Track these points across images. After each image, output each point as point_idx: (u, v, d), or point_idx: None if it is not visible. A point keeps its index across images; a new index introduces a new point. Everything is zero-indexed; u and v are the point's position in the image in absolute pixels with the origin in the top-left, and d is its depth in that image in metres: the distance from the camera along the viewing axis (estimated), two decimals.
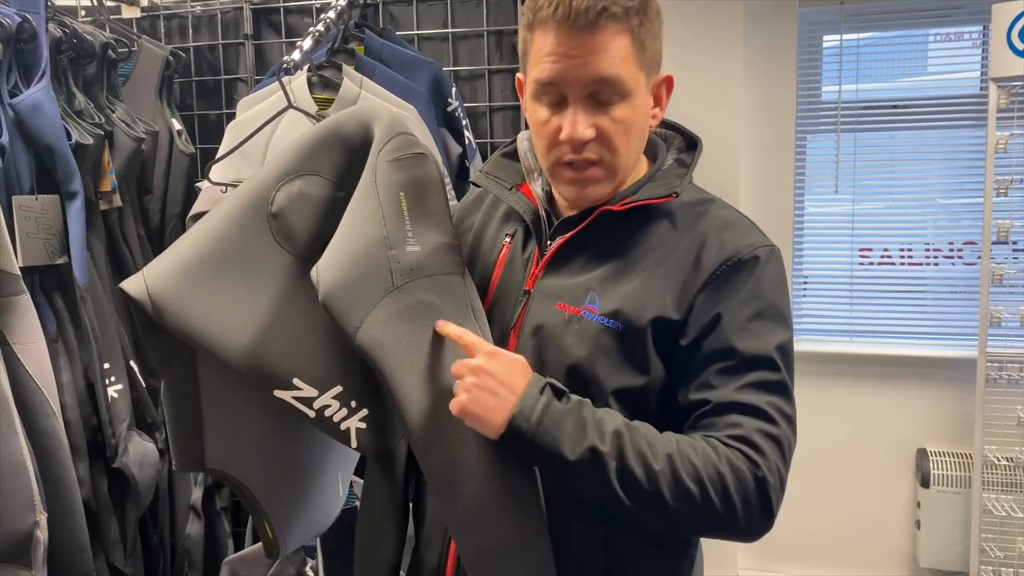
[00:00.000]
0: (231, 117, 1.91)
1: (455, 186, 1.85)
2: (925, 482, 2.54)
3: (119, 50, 1.87)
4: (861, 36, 2.70)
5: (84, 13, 2.15)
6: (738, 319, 0.99)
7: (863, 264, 2.79)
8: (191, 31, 2.20)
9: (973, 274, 2.63)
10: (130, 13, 2.18)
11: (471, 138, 1.93)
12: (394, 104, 1.74)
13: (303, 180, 1.11)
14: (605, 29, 0.96)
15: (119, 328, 1.75)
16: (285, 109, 1.72)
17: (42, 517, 1.41)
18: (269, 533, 1.20)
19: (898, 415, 2.67)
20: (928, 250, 2.74)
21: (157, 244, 1.94)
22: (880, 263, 2.78)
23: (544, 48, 0.99)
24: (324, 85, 1.80)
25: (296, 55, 1.70)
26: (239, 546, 2.05)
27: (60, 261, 1.60)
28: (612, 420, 0.95)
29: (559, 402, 0.95)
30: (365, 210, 1.04)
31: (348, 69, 1.77)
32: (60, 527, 1.48)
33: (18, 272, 1.47)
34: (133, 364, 1.76)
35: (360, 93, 1.74)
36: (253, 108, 1.80)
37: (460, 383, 0.96)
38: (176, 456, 1.15)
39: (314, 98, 1.77)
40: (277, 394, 1.06)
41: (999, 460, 2.36)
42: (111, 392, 1.66)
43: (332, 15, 1.81)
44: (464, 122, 1.92)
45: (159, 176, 1.97)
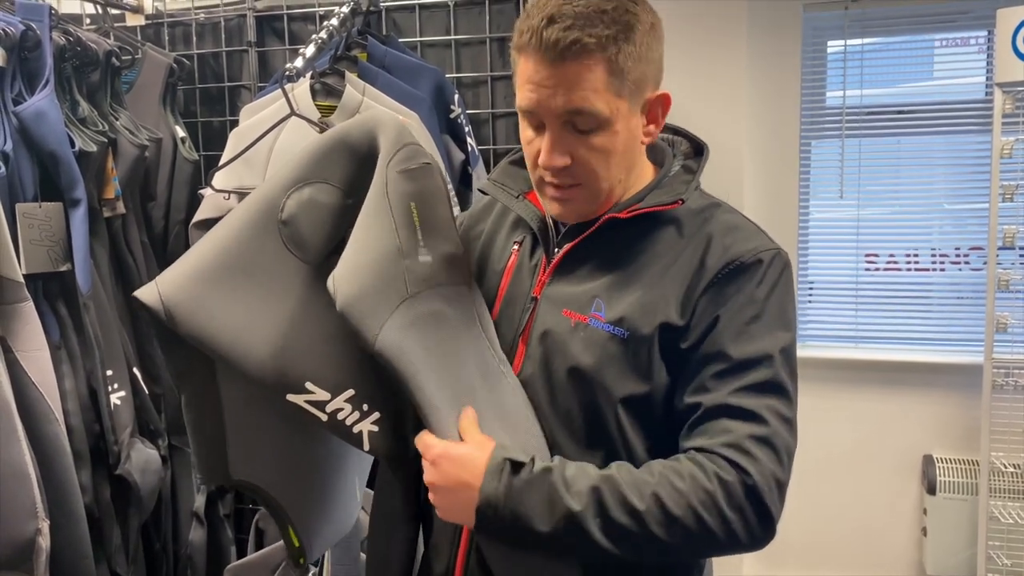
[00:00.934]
0: (234, 124, 1.92)
1: (458, 193, 1.85)
2: (931, 489, 2.53)
3: (123, 58, 1.87)
4: (866, 41, 2.69)
5: (89, 21, 2.16)
6: (736, 322, 0.98)
7: (869, 270, 2.78)
8: (195, 38, 2.20)
9: (979, 280, 2.61)
10: (134, 21, 2.19)
11: (474, 144, 1.93)
12: (397, 111, 1.74)
13: (312, 187, 1.12)
14: (578, 62, 0.95)
15: (122, 335, 1.75)
16: (288, 116, 1.72)
17: (44, 524, 1.41)
18: (295, 541, 1.22)
19: (904, 421, 2.66)
20: (934, 256, 2.72)
21: (160, 251, 1.95)
22: (886, 269, 2.77)
23: (524, 75, 0.99)
24: (327, 92, 1.80)
25: (299, 62, 1.70)
26: (241, 553, 2.04)
27: (63, 268, 1.60)
28: (585, 477, 0.94)
29: (520, 476, 0.93)
30: (379, 220, 1.06)
31: (351, 76, 1.78)
32: (62, 534, 1.48)
33: (21, 279, 1.47)
34: (136, 371, 1.76)
35: (363, 100, 1.75)
36: (256, 115, 1.80)
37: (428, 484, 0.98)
38: (202, 471, 1.17)
39: (317, 105, 1.78)
40: (290, 398, 1.07)
41: (1006, 467, 2.34)
42: (114, 399, 1.66)
43: (335, 22, 1.81)
44: (467, 129, 1.92)
45: (163, 183, 1.97)
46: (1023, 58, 2.23)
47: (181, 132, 2.04)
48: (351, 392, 1.08)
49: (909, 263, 2.75)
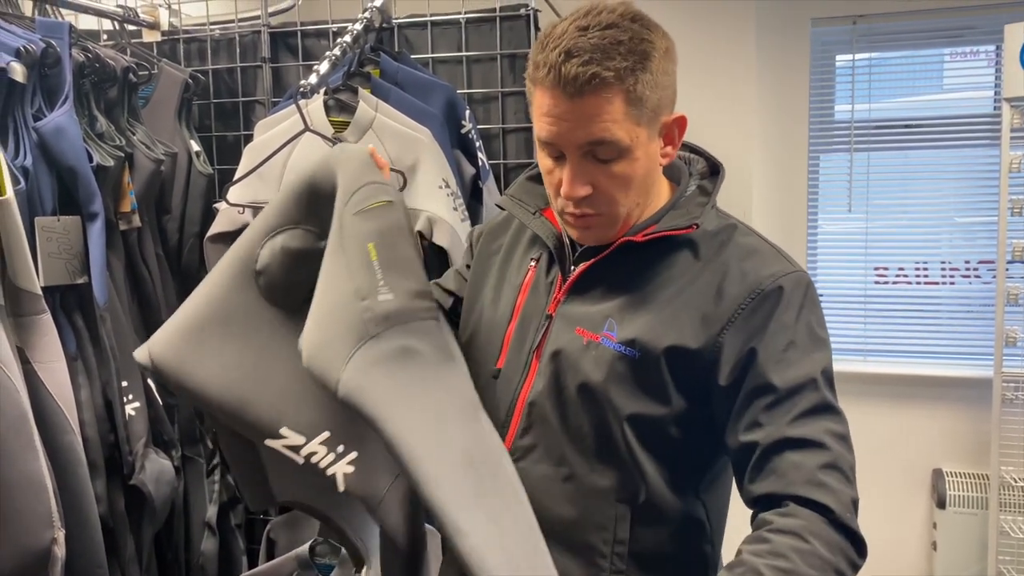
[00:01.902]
0: (248, 139, 1.94)
1: (468, 207, 1.87)
2: (941, 503, 2.52)
3: (140, 73, 1.90)
4: (874, 55, 2.71)
5: (106, 37, 2.19)
6: (773, 352, 0.99)
7: (878, 283, 2.79)
8: (210, 54, 2.23)
9: (989, 293, 2.62)
10: (151, 37, 2.21)
11: (484, 159, 1.95)
12: (409, 127, 1.76)
13: (284, 235, 1.14)
14: (597, 95, 0.96)
15: (137, 346, 1.76)
16: (302, 132, 1.74)
17: (60, 533, 1.42)
18: (356, 545, 1.25)
19: (913, 435, 2.66)
20: (944, 269, 2.73)
21: (175, 263, 1.97)
22: (895, 282, 2.77)
23: (541, 107, 1.00)
24: (340, 108, 1.82)
25: (313, 79, 1.72)
26: (253, 563, 2.06)
27: (80, 281, 1.62)
28: None
29: None
30: (334, 266, 1.07)
31: (364, 92, 1.80)
32: (77, 543, 1.49)
33: (40, 292, 1.49)
34: (150, 382, 1.78)
35: (375, 116, 1.77)
36: (270, 130, 1.82)
37: None
38: (249, 498, 1.22)
39: (331, 121, 1.80)
40: (268, 443, 1.10)
41: (1016, 481, 2.34)
42: (128, 410, 1.67)
43: (348, 39, 1.84)
44: (478, 144, 1.94)
45: (177, 196, 1.99)
46: None
47: (196, 146, 2.07)
48: (327, 434, 1.10)
49: (918, 276, 2.76)
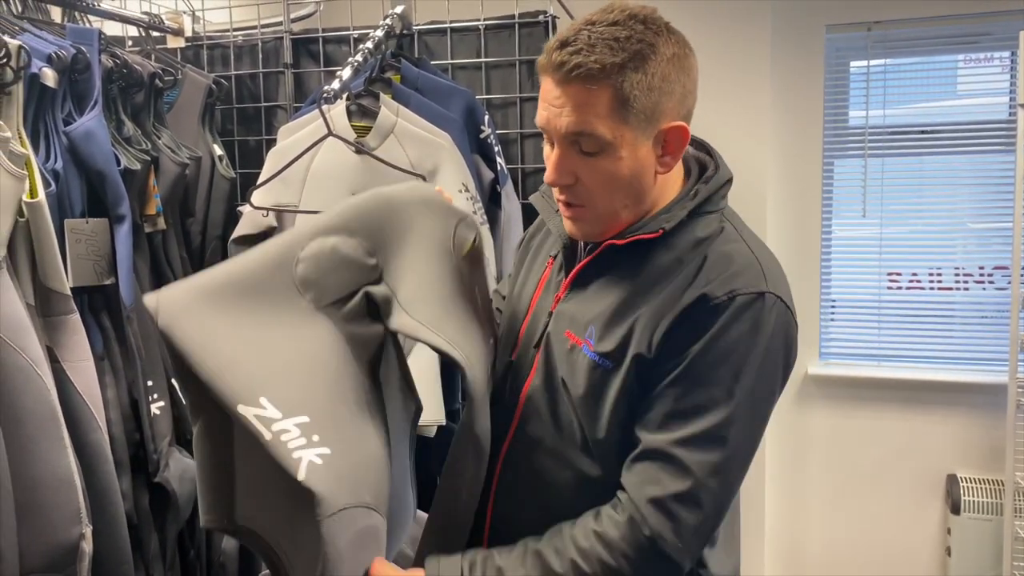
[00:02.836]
0: (270, 143, 1.97)
1: (487, 211, 1.89)
2: (956, 508, 2.52)
3: (165, 79, 1.94)
4: (888, 61, 2.72)
5: (131, 43, 2.23)
6: (698, 365, 0.98)
7: (891, 288, 2.79)
8: (233, 60, 2.27)
9: (1004, 299, 2.62)
10: (175, 43, 2.25)
11: (503, 164, 1.97)
12: (429, 132, 1.79)
13: (339, 237, 1.14)
14: (583, 85, 0.98)
15: (161, 346, 1.79)
16: (325, 136, 1.77)
17: (87, 529, 1.45)
18: None
19: (928, 440, 2.66)
20: (958, 274, 2.73)
21: (198, 265, 1.99)
22: (909, 287, 2.78)
23: (541, 93, 1.04)
24: (362, 113, 1.85)
25: (335, 84, 1.75)
26: None
27: (108, 282, 1.65)
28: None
29: None
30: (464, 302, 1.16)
31: (385, 98, 1.83)
32: (104, 539, 1.52)
33: (69, 292, 1.52)
34: (174, 381, 1.81)
35: (397, 121, 1.80)
36: (294, 135, 1.85)
37: None
38: (204, 510, 1.10)
39: (352, 126, 1.83)
40: (240, 409, 1.01)
41: None
42: (153, 409, 1.70)
43: (370, 45, 1.86)
44: (496, 148, 1.96)
45: (201, 199, 2.02)
46: None
47: (219, 150, 2.10)
48: (305, 419, 1.04)
49: (932, 282, 2.76)
